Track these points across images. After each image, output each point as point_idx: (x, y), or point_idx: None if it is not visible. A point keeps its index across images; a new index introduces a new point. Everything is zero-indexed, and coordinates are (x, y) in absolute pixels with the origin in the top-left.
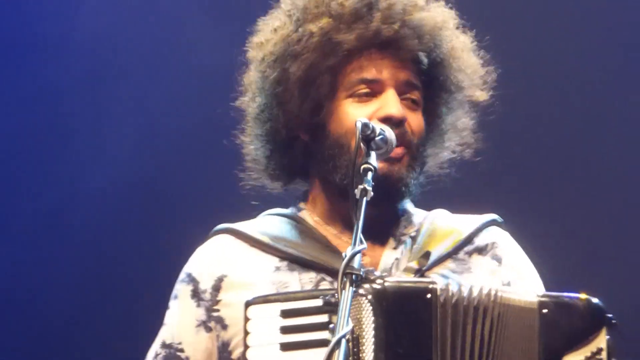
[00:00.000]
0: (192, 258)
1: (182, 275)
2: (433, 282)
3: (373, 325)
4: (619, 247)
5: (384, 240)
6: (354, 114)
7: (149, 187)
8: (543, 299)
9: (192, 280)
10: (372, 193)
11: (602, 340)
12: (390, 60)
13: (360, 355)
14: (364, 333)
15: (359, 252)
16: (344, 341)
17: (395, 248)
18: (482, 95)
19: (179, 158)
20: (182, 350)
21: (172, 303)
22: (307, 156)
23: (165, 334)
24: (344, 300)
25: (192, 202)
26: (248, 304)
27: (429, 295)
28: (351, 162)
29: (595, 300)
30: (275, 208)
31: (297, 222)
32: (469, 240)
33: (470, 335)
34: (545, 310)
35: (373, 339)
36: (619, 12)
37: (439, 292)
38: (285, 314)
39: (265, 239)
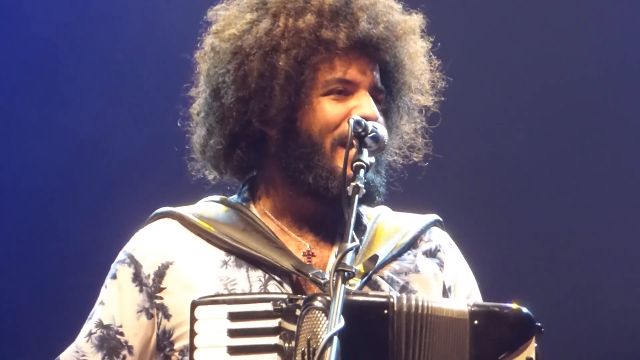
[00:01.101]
0: (133, 239)
1: (122, 255)
2: (390, 297)
3: (319, 352)
4: (560, 249)
5: (332, 241)
6: (329, 111)
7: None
8: (474, 309)
9: (133, 262)
10: (364, 190)
11: (531, 350)
12: (366, 61)
13: None
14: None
15: (351, 249)
16: (335, 338)
17: None
18: (426, 100)
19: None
20: (121, 334)
21: (109, 282)
22: (268, 151)
23: (102, 314)
24: (336, 298)
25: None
26: (195, 304)
27: (385, 311)
28: (328, 163)
29: (524, 310)
30: (216, 195)
31: (243, 213)
32: (413, 241)
33: (416, 347)
34: (476, 322)
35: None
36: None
37: (395, 307)
38: (233, 316)
39: (212, 230)
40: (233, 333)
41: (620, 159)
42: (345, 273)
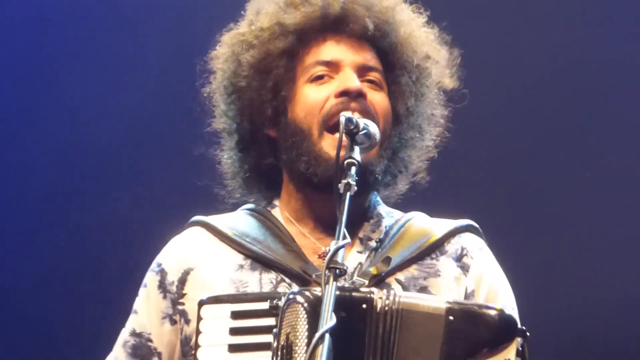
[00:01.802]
0: (164, 248)
1: (153, 264)
2: (371, 292)
3: (307, 333)
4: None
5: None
6: (312, 96)
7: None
8: (452, 306)
9: (161, 270)
10: (355, 188)
11: (510, 352)
12: (347, 42)
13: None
14: (297, 340)
15: (342, 246)
16: (327, 336)
17: (360, 252)
18: (450, 82)
19: (158, 147)
20: (151, 341)
21: (141, 291)
22: (276, 152)
23: (135, 323)
24: (328, 295)
25: (170, 192)
26: (201, 304)
27: (364, 305)
28: (314, 148)
29: (507, 311)
30: (251, 204)
31: (267, 219)
32: (437, 245)
33: (391, 342)
34: (451, 318)
35: (305, 347)
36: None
37: (374, 302)
38: (235, 315)
39: (233, 236)
40: (234, 331)
41: None
42: (337, 270)
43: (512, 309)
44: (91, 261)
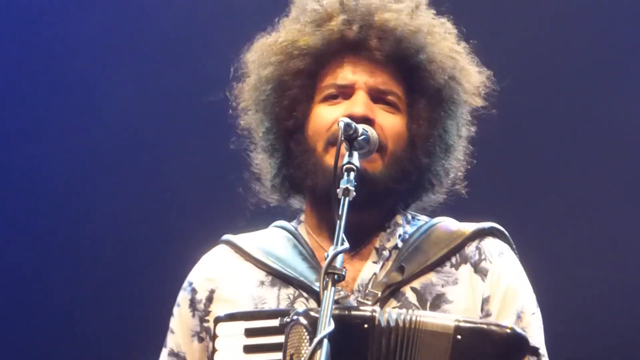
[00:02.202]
0: (195, 267)
1: (185, 283)
2: (373, 311)
3: (309, 354)
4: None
5: (366, 252)
6: (323, 115)
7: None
8: (461, 324)
9: (192, 289)
10: (354, 193)
11: None
12: (364, 64)
13: None
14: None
15: (340, 252)
16: (325, 341)
17: (375, 262)
18: (475, 101)
19: (193, 162)
20: None
21: (174, 310)
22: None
23: (171, 342)
24: (326, 300)
25: (206, 207)
26: (216, 321)
27: (366, 326)
28: (318, 162)
29: (517, 329)
30: (282, 220)
31: (292, 235)
32: (456, 250)
33: None
34: (459, 336)
35: None
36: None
37: (376, 322)
38: (249, 332)
39: (257, 254)
40: (248, 349)
41: None
42: (335, 276)
43: (532, 314)
44: (128, 278)
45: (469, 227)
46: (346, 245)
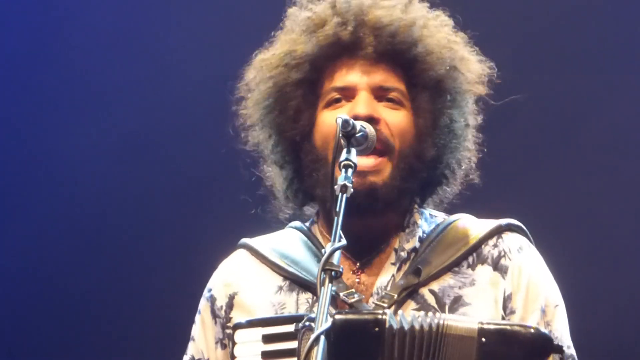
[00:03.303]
0: (214, 273)
1: (205, 290)
2: (383, 314)
3: (305, 352)
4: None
5: (385, 255)
6: (328, 121)
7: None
8: (485, 326)
9: (211, 297)
10: (352, 190)
11: None
12: (361, 64)
13: None
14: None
15: (338, 249)
16: (322, 337)
17: (394, 263)
18: (479, 89)
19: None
20: None
21: (196, 317)
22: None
23: (193, 349)
24: (323, 297)
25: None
26: (235, 328)
27: (376, 329)
28: (329, 170)
29: (540, 329)
30: (297, 221)
31: (307, 238)
32: (474, 249)
33: None
34: (483, 339)
35: None
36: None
37: (387, 325)
38: (266, 339)
39: (273, 258)
40: (265, 355)
41: None
42: (332, 272)
43: (555, 306)
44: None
45: (485, 225)
46: (343, 241)
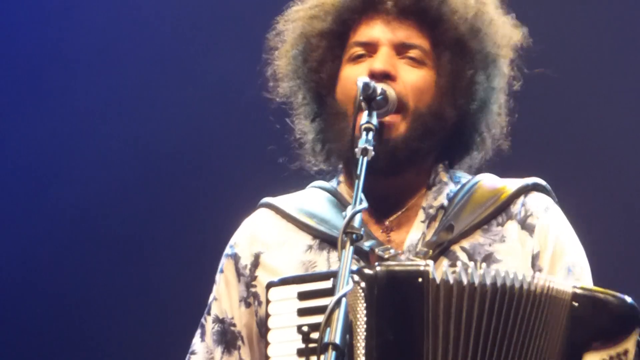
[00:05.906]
0: (237, 231)
1: (227, 248)
2: (426, 265)
3: (365, 312)
4: None
5: (413, 212)
6: (348, 76)
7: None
8: (578, 291)
9: (234, 254)
10: (373, 152)
11: (630, 342)
12: (385, 20)
13: (353, 342)
14: (357, 321)
15: (359, 211)
16: (344, 300)
17: (423, 221)
18: (508, 53)
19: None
20: (234, 325)
21: (218, 277)
22: None
23: (216, 309)
24: (344, 259)
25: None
26: (269, 286)
27: (420, 280)
28: (348, 128)
29: (629, 300)
30: (320, 181)
31: (334, 197)
32: (502, 208)
33: (469, 322)
34: (576, 304)
35: (365, 326)
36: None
37: (431, 275)
38: (302, 296)
39: (301, 217)
40: (302, 312)
41: None
42: (354, 235)
43: (581, 268)
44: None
45: (512, 183)
46: (365, 204)
